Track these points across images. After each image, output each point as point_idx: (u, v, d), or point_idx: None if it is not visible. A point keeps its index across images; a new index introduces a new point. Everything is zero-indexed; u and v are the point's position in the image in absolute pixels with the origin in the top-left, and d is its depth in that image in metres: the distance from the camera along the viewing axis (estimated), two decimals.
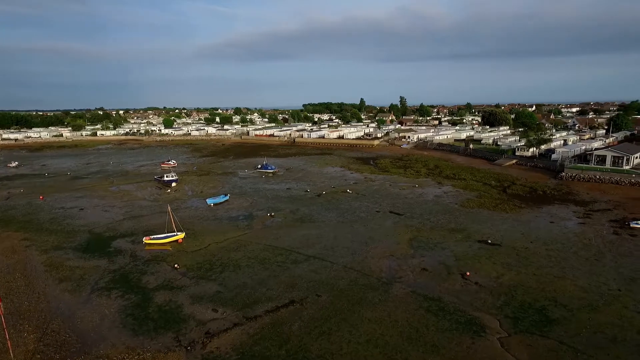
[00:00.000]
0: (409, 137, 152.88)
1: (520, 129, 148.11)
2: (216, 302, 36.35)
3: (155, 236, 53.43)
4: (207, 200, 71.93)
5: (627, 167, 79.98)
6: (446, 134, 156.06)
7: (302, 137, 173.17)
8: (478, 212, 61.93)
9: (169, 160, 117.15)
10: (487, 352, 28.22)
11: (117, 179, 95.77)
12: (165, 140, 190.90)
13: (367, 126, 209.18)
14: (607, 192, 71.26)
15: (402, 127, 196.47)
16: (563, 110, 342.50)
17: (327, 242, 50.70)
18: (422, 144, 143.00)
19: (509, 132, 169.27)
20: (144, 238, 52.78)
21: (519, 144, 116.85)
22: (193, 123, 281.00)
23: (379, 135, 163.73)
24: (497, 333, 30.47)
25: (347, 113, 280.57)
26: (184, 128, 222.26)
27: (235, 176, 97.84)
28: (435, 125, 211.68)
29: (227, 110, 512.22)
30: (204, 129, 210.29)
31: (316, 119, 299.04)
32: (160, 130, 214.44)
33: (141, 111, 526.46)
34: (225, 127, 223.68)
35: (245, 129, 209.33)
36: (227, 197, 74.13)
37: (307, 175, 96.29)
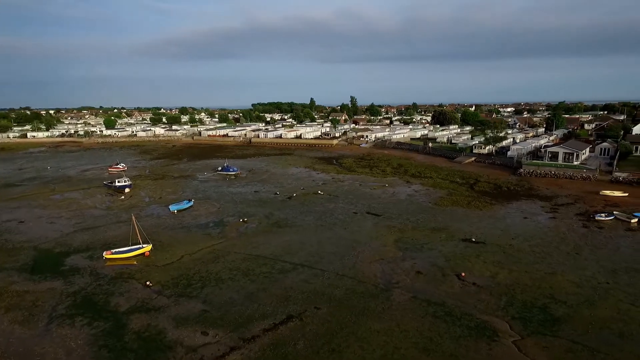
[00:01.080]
0: (367, 136, 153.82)
1: (477, 128, 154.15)
2: (204, 323, 32.36)
3: (117, 250, 47.60)
4: (169, 206, 66.10)
5: (577, 163, 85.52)
6: (402, 133, 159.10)
7: (258, 137, 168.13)
8: (453, 210, 62.44)
9: (117, 164, 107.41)
10: (505, 358, 27.29)
11: (59, 186, 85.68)
12: (109, 142, 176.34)
13: (322, 126, 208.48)
14: (564, 186, 75.44)
15: (359, 127, 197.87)
16: (500, 110, 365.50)
17: (311, 247, 48.03)
18: (381, 143, 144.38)
19: (459, 130, 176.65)
20: (105, 253, 46.79)
21: (473, 142, 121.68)
22: (137, 123, 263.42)
23: (337, 134, 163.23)
24: (510, 336, 29.73)
25: (300, 112, 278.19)
26: (128, 129, 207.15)
27: (195, 179, 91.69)
28: (387, 125, 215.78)
29: (171, 109, 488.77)
30: (150, 130, 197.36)
31: (268, 119, 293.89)
32: (101, 131, 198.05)
33: (75, 111, 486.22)
34: (174, 127, 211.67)
35: (196, 129, 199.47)
36: (192, 203, 68.74)
37: (273, 176, 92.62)
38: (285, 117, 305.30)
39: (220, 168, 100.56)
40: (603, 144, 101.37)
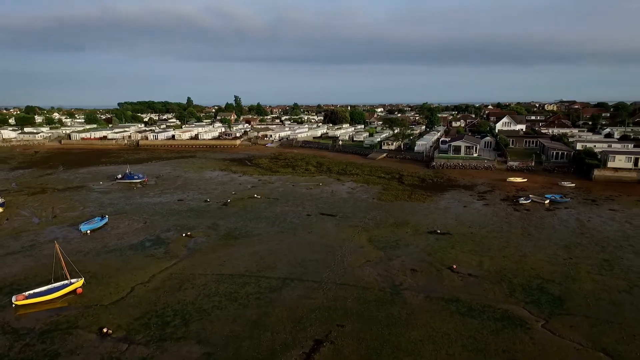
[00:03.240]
0: (270, 136, 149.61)
1: (385, 125, 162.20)
2: None
3: (34, 292, 35.41)
4: (80, 226, 52.45)
5: (476, 154, 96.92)
6: (305, 132, 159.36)
7: (146, 139, 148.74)
8: (400, 204, 63.91)
9: None
10: (549, 344, 27.89)
11: None
12: None
13: (214, 126, 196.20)
14: (474, 176, 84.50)
15: (259, 126, 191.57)
16: (376, 110, 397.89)
17: (287, 257, 43.13)
18: (287, 142, 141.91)
19: (353, 129, 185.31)
20: (14, 298, 34.31)
21: (379, 139, 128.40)
22: None
23: (237, 134, 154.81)
24: (535, 321, 30.70)
25: (184, 112, 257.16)
26: None
27: (91, 191, 75.53)
28: (281, 124, 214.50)
29: (7, 109, 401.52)
30: None
31: (146, 119, 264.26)
32: None
33: None
34: (27, 129, 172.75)
35: (63, 131, 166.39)
36: (106, 220, 55.91)
37: (190, 182, 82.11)
38: (169, 117, 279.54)
39: (120, 176, 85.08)
40: (486, 138, 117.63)
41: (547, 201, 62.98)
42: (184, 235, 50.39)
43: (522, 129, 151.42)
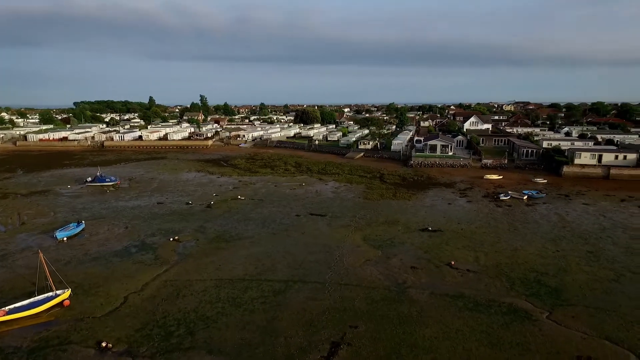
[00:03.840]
0: (243, 136, 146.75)
1: (362, 125, 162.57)
2: None
3: (16, 306, 32.46)
4: (56, 233, 48.81)
5: (451, 153, 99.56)
6: (278, 132, 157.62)
7: (112, 139, 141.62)
8: (386, 203, 64.35)
9: None
10: (557, 335, 28.77)
11: None
12: None
13: (181, 126, 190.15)
14: (452, 174, 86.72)
15: (230, 126, 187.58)
16: (344, 110, 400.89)
17: (286, 259, 42.18)
18: (261, 143, 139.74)
19: (326, 128, 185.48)
20: None
21: (354, 138, 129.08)
22: None
23: (209, 135, 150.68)
24: (540, 313, 31.65)
25: (149, 112, 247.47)
26: None
27: (59, 195, 70.73)
28: (251, 124, 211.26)
29: None
30: None
31: (107, 119, 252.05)
32: None
33: None
34: None
35: (18, 132, 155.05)
36: (83, 225, 52.46)
37: (166, 184, 78.82)
38: (132, 117, 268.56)
39: (90, 179, 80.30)
40: (457, 137, 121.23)
41: (525, 197, 65.62)
42: (171, 239, 48.15)
43: (488, 128, 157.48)
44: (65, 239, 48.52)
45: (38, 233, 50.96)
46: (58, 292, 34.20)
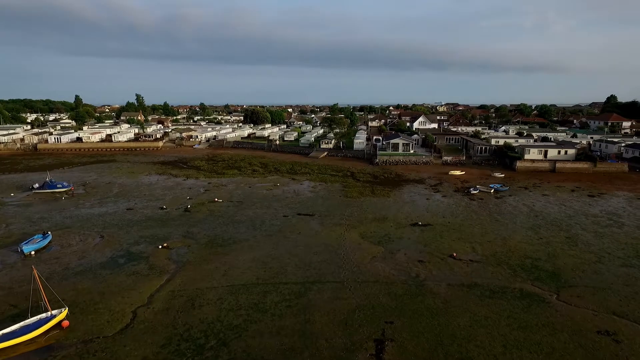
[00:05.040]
0: (196, 137, 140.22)
1: (325, 125, 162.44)
2: None
3: (5, 332, 28.20)
4: (22, 247, 42.86)
5: (412, 151, 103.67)
6: (233, 133, 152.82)
7: (46, 142, 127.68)
8: (368, 200, 65.29)
9: None
10: (572, 313, 31.18)
11: None
12: None
13: (120, 126, 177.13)
14: (418, 171, 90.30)
15: (180, 127, 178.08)
16: (288, 109, 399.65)
17: (293, 261, 41.09)
18: (217, 143, 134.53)
19: (278, 128, 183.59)
20: None
21: (312, 138, 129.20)
22: None
23: (158, 135, 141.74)
24: (549, 296, 34.14)
25: (79, 111, 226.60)
26: None
27: (4, 205, 62.30)
28: (198, 125, 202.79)
29: None
30: None
31: (29, 120, 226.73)
32: None
33: None
34: None
35: None
36: (50, 237, 46.76)
37: (128, 189, 72.85)
38: (61, 117, 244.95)
39: (38, 185, 71.75)
40: (414, 136, 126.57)
41: (492, 190, 70.41)
42: (160, 247, 44.66)
43: (434, 127, 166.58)
44: (33, 252, 42.89)
45: None
46: (54, 312, 30.15)
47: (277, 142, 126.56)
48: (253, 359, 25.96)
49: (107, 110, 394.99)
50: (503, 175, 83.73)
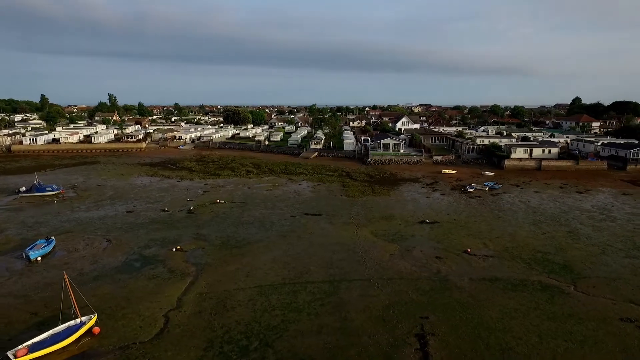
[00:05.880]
0: (180, 137, 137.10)
1: (314, 125, 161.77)
2: None
3: (36, 341, 26.87)
4: (28, 253, 40.74)
5: (402, 151, 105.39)
6: (218, 134, 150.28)
7: (21, 143, 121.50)
8: (370, 199, 65.98)
9: None
10: (592, 303, 32.77)
11: None
12: None
13: (96, 126, 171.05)
14: (411, 170, 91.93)
15: (163, 128, 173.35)
16: (266, 110, 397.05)
17: (314, 260, 41.08)
18: (203, 144, 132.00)
19: (259, 128, 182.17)
20: (11, 355, 25.42)
21: (299, 138, 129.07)
22: None
23: (140, 136, 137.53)
24: (567, 287, 35.74)
25: (54, 112, 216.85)
26: None
27: None
28: (179, 125, 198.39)
29: None
30: None
31: None
32: None
33: None
34: None
35: None
36: (54, 242, 44.74)
37: (123, 191, 70.49)
38: (30, 118, 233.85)
39: (25, 188, 68.34)
40: (401, 136, 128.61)
41: (487, 188, 72.73)
42: (173, 250, 43.60)
43: (417, 127, 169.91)
44: (39, 258, 40.93)
45: None
46: (83, 318, 28.97)
47: (266, 142, 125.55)
48: (301, 359, 25.93)
49: (76, 110, 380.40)
50: (493, 173, 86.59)
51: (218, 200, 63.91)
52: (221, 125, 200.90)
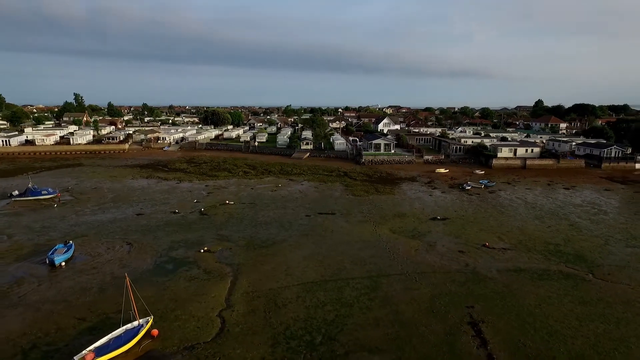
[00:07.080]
0: (164, 138, 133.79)
1: (305, 126, 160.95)
2: None
3: (99, 344, 26.46)
4: (53, 259, 39.17)
5: (393, 151, 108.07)
6: (203, 134, 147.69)
7: None
8: (377, 198, 67.60)
9: None
10: (613, 289, 35.61)
11: None
12: None
13: (68, 127, 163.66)
14: (405, 170, 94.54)
15: (146, 128, 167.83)
16: (243, 110, 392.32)
17: (345, 258, 42.03)
18: (189, 145, 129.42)
19: (242, 129, 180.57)
20: (85, 355, 24.86)
21: (286, 139, 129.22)
22: None
23: (122, 137, 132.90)
24: (586, 275, 38.63)
25: (15, 112, 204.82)
26: None
27: None
28: (158, 126, 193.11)
29: None
30: None
31: None
32: None
33: None
34: None
35: None
36: (72, 246, 43.21)
37: (124, 194, 68.42)
38: None
39: (18, 192, 64.94)
40: (388, 136, 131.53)
41: (483, 186, 76.25)
42: (201, 251, 43.28)
43: (397, 128, 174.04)
44: (63, 263, 39.53)
45: (17, 261, 40.25)
46: (141, 321, 28.57)
47: (255, 143, 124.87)
48: (369, 350, 26.88)
49: (35, 110, 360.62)
50: (483, 172, 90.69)
51: (227, 202, 63.47)
52: (200, 126, 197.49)
